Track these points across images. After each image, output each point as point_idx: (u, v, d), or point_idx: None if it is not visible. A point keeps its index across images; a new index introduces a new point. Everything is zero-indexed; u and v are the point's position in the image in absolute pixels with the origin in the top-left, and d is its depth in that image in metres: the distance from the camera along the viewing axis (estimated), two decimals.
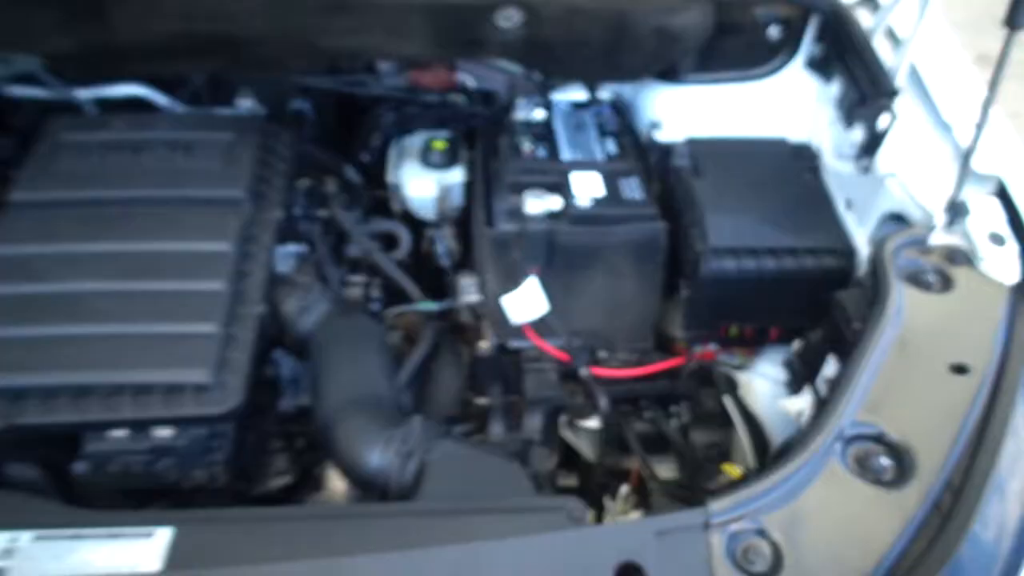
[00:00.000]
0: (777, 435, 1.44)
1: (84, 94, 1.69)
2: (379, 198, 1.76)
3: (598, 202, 1.35)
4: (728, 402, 1.44)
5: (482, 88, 1.78)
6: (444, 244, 1.56)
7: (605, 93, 1.72)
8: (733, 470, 1.25)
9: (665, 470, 1.49)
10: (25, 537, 0.82)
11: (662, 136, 1.59)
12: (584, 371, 1.42)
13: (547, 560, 0.79)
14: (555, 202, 1.35)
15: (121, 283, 1.12)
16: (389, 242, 1.56)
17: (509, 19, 1.39)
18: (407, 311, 1.41)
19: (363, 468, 1.00)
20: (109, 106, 1.69)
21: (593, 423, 1.46)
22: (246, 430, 1.17)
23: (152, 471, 1.07)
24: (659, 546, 0.81)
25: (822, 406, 0.98)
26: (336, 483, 1.28)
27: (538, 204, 1.34)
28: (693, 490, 1.38)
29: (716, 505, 0.85)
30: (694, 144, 1.54)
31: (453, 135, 1.73)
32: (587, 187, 1.39)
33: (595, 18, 1.39)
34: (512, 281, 1.40)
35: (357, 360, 1.12)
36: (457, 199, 1.72)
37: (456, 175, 1.68)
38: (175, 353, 1.05)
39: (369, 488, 1.01)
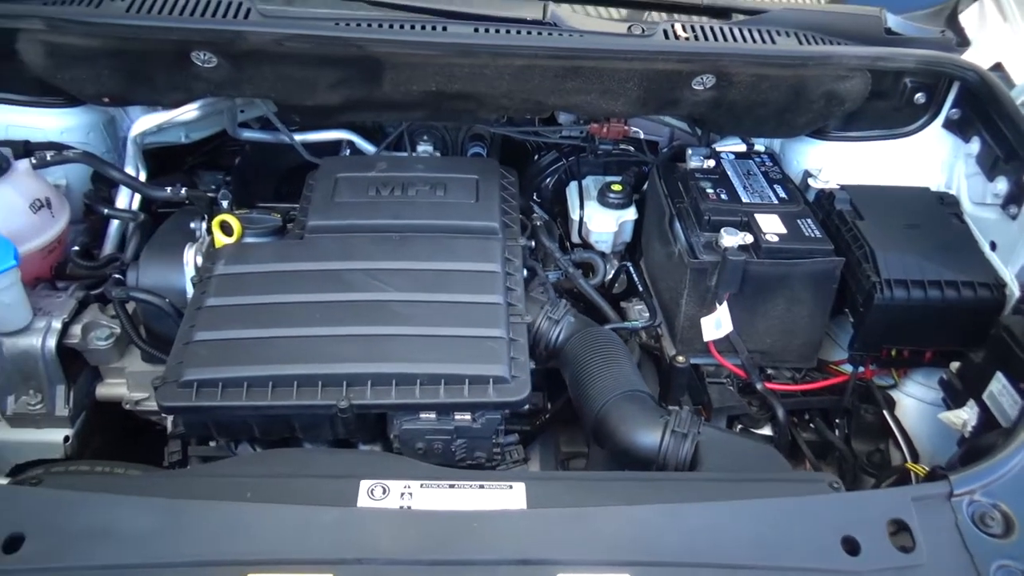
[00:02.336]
0: (925, 445, 1.65)
1: (300, 137, 1.98)
2: None
3: (783, 238, 1.59)
4: (888, 416, 1.65)
5: (648, 138, 2.04)
6: (635, 273, 1.80)
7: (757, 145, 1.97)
8: (920, 469, 1.45)
9: None
10: (415, 485, 1.05)
11: (816, 183, 1.83)
12: (760, 385, 1.64)
13: (833, 514, 1.00)
14: (747, 237, 1.59)
15: (418, 294, 1.36)
16: (587, 270, 1.80)
17: (703, 83, 1.64)
18: (618, 329, 1.63)
19: (643, 448, 1.22)
20: (312, 148, 1.97)
21: (766, 430, 1.67)
22: None
23: (448, 450, 1.30)
24: (917, 509, 1.02)
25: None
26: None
27: (733, 239, 1.57)
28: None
29: (955, 478, 1.07)
30: (848, 190, 1.78)
31: (625, 178, 1.98)
32: (771, 225, 1.62)
33: (778, 83, 1.64)
34: (704, 305, 1.63)
35: (614, 362, 1.35)
36: (627, 235, 1.97)
37: (630, 214, 1.93)
38: (476, 352, 1.28)
39: (645, 466, 1.23)
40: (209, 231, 1.55)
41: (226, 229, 1.51)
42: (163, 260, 1.53)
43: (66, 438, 1.57)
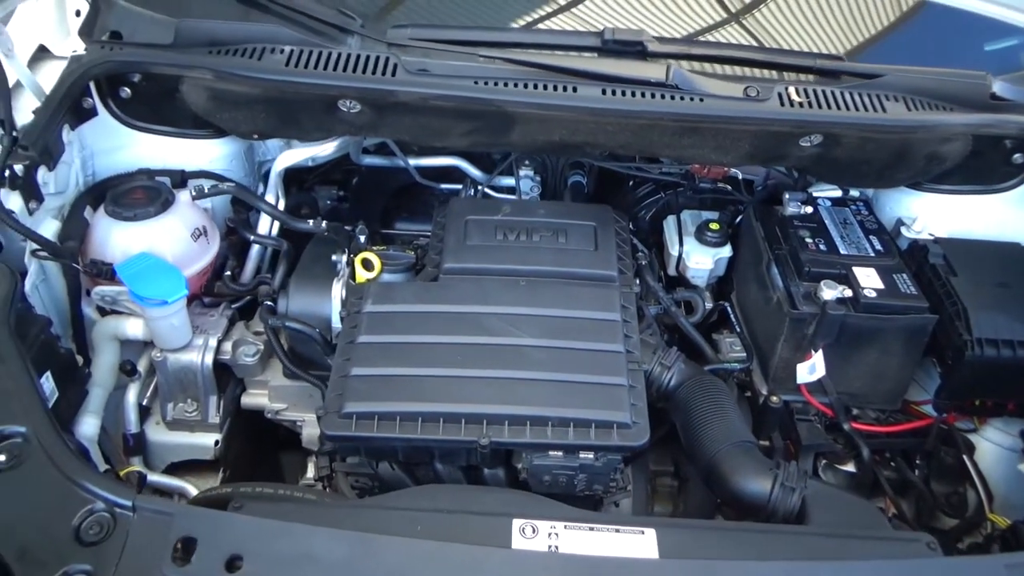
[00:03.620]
0: (1000, 489, 1.75)
1: (413, 162, 2.13)
2: None
3: (881, 294, 1.69)
4: (968, 461, 1.76)
5: (745, 178, 2.14)
6: (730, 312, 1.92)
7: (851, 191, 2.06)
8: (1001, 520, 1.56)
9: None
10: (559, 526, 1.20)
11: (909, 233, 1.92)
12: (848, 426, 1.76)
13: None
14: (845, 291, 1.69)
15: (546, 340, 1.50)
16: (687, 308, 1.92)
17: (810, 140, 1.73)
18: (717, 369, 1.76)
19: (753, 497, 1.35)
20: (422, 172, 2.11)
21: (849, 467, 1.80)
22: None
23: (571, 483, 1.45)
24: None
25: None
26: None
27: (832, 292, 1.68)
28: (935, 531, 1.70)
29: None
30: (941, 243, 1.86)
31: (723, 216, 2.09)
32: (868, 280, 1.72)
33: (883, 145, 1.72)
34: (799, 350, 1.74)
35: (724, 412, 1.48)
36: (721, 271, 2.08)
37: (726, 251, 2.03)
38: (600, 398, 1.42)
39: (751, 514, 1.37)
40: (349, 264, 1.71)
41: (367, 266, 1.67)
42: (311, 291, 1.70)
43: (216, 442, 1.77)
